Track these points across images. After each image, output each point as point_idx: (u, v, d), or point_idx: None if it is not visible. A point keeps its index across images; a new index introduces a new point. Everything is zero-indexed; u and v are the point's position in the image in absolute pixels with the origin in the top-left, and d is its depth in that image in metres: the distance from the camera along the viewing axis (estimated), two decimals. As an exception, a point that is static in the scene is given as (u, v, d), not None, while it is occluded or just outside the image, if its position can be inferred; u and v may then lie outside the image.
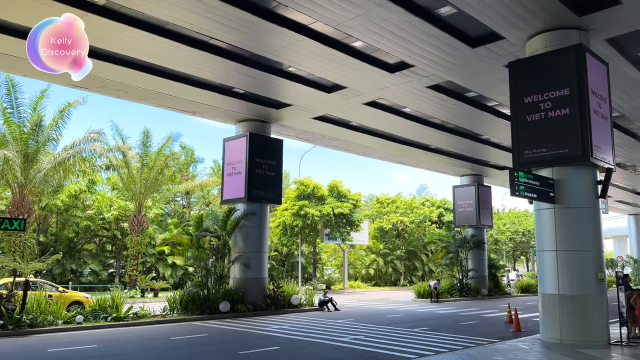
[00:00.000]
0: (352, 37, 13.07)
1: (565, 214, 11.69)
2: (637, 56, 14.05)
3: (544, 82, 11.84)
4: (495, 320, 17.57)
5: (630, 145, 23.11)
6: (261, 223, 19.85)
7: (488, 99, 18.00)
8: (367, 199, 57.25)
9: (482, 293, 29.26)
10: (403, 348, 11.60)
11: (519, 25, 11.99)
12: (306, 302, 21.33)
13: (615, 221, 67.92)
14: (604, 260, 11.91)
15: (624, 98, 16.61)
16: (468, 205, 30.54)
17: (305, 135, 22.55)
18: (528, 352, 10.63)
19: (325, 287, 34.05)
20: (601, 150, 11.55)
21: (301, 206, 32.59)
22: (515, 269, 63.38)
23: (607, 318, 11.57)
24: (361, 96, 17.35)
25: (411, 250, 45.00)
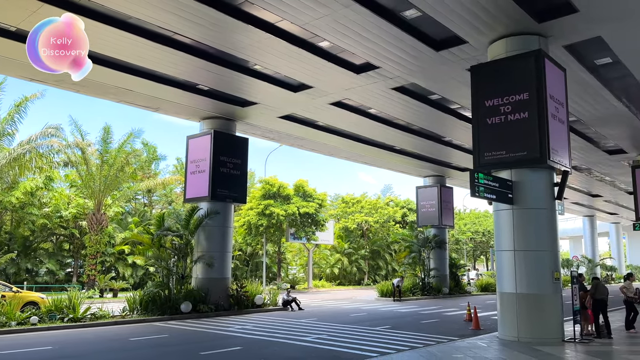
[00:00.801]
0: (319, 36, 13.07)
1: (523, 214, 12.02)
2: (593, 63, 14.58)
3: (504, 86, 12.14)
4: (455, 319, 17.93)
5: (585, 149, 23.98)
6: (225, 222, 19.63)
7: (451, 102, 18.33)
8: (333, 198, 57.47)
9: (443, 292, 29.83)
10: (365, 346, 11.69)
11: (481, 29, 12.25)
12: (270, 302, 21.23)
13: (571, 222, 70.56)
14: (559, 260, 12.31)
15: (580, 103, 17.21)
16: (431, 205, 31.06)
17: (271, 134, 22.43)
18: (486, 349, 10.89)
19: (290, 286, 34.00)
20: (558, 153, 11.93)
21: (266, 205, 32.42)
22: (476, 268, 64.89)
23: (562, 316, 11.98)
24: (327, 96, 17.38)
25: (375, 249, 45.44)
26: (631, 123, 19.41)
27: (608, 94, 16.37)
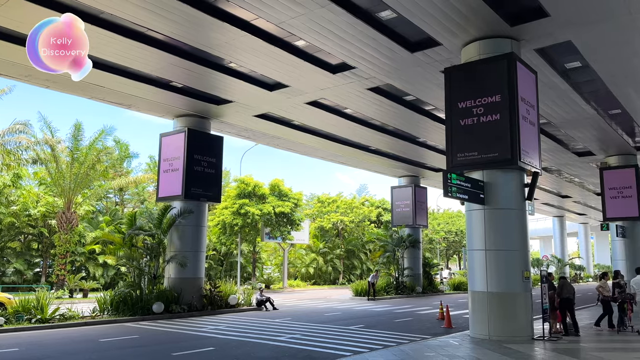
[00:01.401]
0: (295, 35, 13.04)
1: (494, 214, 12.23)
2: (563, 66, 14.93)
3: (477, 89, 12.32)
4: (428, 317, 18.13)
5: (555, 151, 24.54)
6: (199, 221, 19.42)
7: (425, 103, 18.52)
8: (309, 198, 57.49)
9: (417, 291, 30.14)
10: (339, 345, 11.72)
11: (455, 32, 12.41)
12: (244, 302, 21.11)
13: (542, 222, 72.19)
14: (529, 259, 12.57)
15: (551, 105, 17.60)
16: (405, 205, 31.35)
17: (246, 132, 22.30)
18: (458, 347, 11.04)
19: (264, 286, 33.86)
20: (529, 154, 12.17)
21: (241, 205, 32.21)
22: (448, 268, 65.79)
23: (532, 314, 12.22)
24: (303, 95, 17.37)
25: (350, 249, 45.62)
26: (599, 126, 19.94)
27: (577, 97, 16.78)
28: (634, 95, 16.55)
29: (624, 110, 18.29)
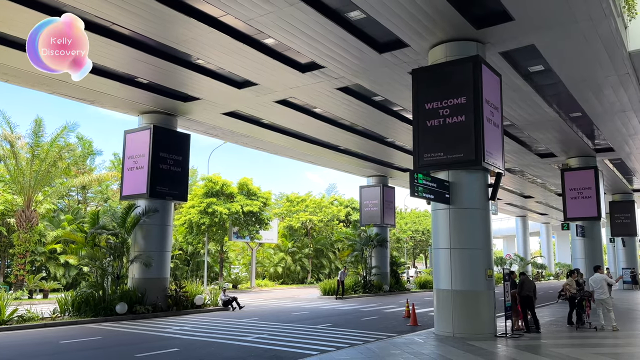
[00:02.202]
0: (264, 33, 12.95)
1: (459, 214, 12.45)
2: (526, 70, 15.30)
3: (443, 90, 12.50)
4: (394, 315, 18.32)
5: (519, 152, 25.17)
6: (164, 220, 19.09)
7: (393, 104, 18.70)
8: (278, 197, 57.27)
9: (384, 289, 30.43)
10: (306, 345, 11.71)
11: (422, 34, 12.56)
12: (211, 302, 20.86)
13: (505, 222, 73.96)
14: (492, 257, 12.84)
15: (514, 108, 18.02)
16: (373, 205, 31.61)
17: (214, 130, 22.03)
18: (423, 345, 11.19)
19: (231, 285, 33.57)
20: (492, 155, 12.43)
21: (209, 204, 31.81)
22: (415, 266, 66.67)
23: (494, 312, 12.49)
24: (272, 94, 17.28)
25: (319, 248, 45.69)
26: (561, 128, 20.54)
27: (540, 99, 17.23)
28: (594, 99, 17.10)
29: (584, 113, 18.89)
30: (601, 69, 14.53)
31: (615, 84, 15.56)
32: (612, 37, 12.47)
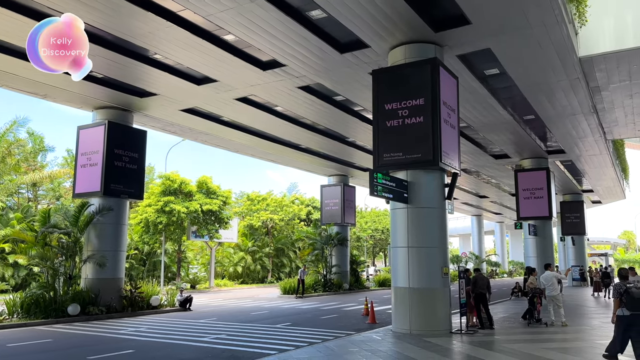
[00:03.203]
0: (224, 29, 12.77)
1: (416, 213, 12.65)
2: (482, 73, 15.70)
3: (402, 91, 12.68)
4: (354, 313, 18.46)
5: (474, 153, 25.82)
6: (119, 219, 18.55)
7: (354, 104, 18.82)
8: (238, 196, 56.66)
9: (344, 287, 30.64)
10: (264, 344, 11.64)
11: (382, 35, 12.68)
12: (167, 303, 20.42)
13: (461, 221, 75.77)
14: (448, 256, 13.12)
15: (470, 110, 18.47)
16: (334, 204, 31.76)
17: (172, 127, 21.58)
18: (380, 342, 11.31)
19: (189, 286, 33.00)
20: (449, 156, 12.69)
21: (166, 202, 31.11)
22: (374, 264, 67.43)
23: (450, 309, 12.77)
24: (233, 91, 17.07)
25: (280, 247, 45.52)
26: (515, 130, 21.19)
27: (495, 102, 17.72)
28: (546, 102, 17.73)
29: (537, 116, 19.56)
30: (553, 74, 15.07)
31: (566, 88, 16.17)
32: (563, 42, 12.95)
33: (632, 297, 8.35)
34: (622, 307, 8.52)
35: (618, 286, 8.69)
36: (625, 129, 22.08)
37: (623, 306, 8.51)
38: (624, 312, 8.49)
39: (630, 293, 8.40)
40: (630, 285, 8.54)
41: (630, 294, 8.38)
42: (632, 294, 8.37)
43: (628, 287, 8.49)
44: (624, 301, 8.47)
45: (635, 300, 8.34)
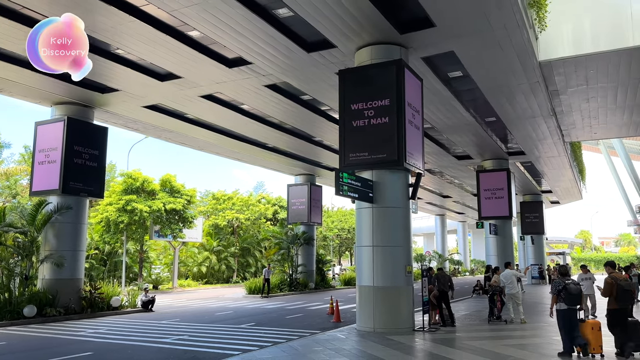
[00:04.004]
0: (189, 25, 12.56)
1: (381, 212, 12.78)
2: (446, 75, 15.98)
3: (368, 92, 12.77)
4: (319, 312, 18.50)
5: (438, 154, 26.27)
6: (78, 218, 18.01)
7: (321, 103, 18.84)
8: (203, 195, 55.95)
9: (310, 287, 30.67)
10: (228, 345, 11.52)
11: (349, 36, 12.74)
12: (129, 304, 19.96)
13: (426, 220, 76.97)
14: (411, 254, 13.30)
15: (434, 111, 18.77)
16: (301, 203, 31.72)
17: (135, 124, 21.10)
18: (344, 341, 11.37)
19: (152, 286, 32.38)
20: (413, 156, 12.86)
21: (128, 201, 30.39)
22: (340, 264, 67.78)
23: (413, 307, 12.95)
24: (197, 88, 16.81)
25: (245, 247, 45.15)
26: (477, 132, 21.66)
27: (458, 104, 18.06)
28: (507, 105, 18.19)
29: (498, 118, 20.04)
30: (514, 77, 15.47)
31: (526, 91, 16.63)
32: (524, 46, 13.31)
33: (570, 293, 9.12)
34: (560, 302, 9.25)
35: (557, 283, 9.39)
36: (582, 131, 22.88)
37: (561, 301, 9.23)
38: (562, 307, 9.23)
39: (568, 289, 9.15)
40: (569, 282, 9.27)
41: (568, 290, 9.14)
42: (569, 290, 9.13)
43: (566, 284, 9.22)
44: (562, 296, 9.21)
45: (572, 296, 9.12)
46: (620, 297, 9.22)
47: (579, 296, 9.25)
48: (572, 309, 9.20)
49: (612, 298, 9.30)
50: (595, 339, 9.17)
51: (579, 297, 9.27)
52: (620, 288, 9.20)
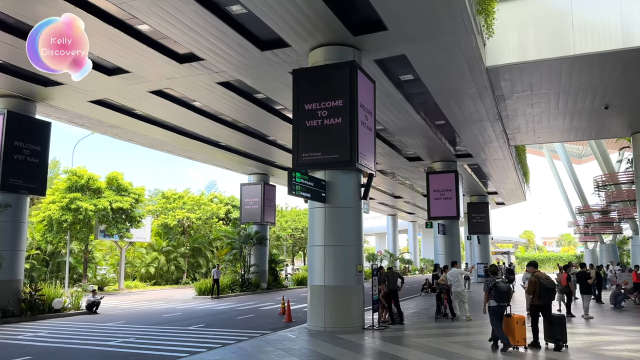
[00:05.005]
0: (138, 19, 12.19)
1: (333, 212, 12.86)
2: (398, 78, 16.26)
3: (322, 92, 12.81)
4: (270, 313, 18.40)
5: (390, 155, 26.71)
6: (18, 217, 17.13)
7: (275, 102, 18.75)
8: (152, 193, 54.46)
9: (262, 287, 30.47)
10: (175, 347, 11.28)
11: (303, 35, 12.74)
12: (72, 306, 19.17)
13: (378, 220, 78.13)
14: (362, 254, 13.46)
15: (387, 113, 19.06)
16: (254, 202, 31.45)
17: (80, 119, 20.28)
18: (295, 340, 11.36)
19: (97, 288, 31.24)
20: (365, 157, 13.01)
21: (72, 199, 29.16)
22: (294, 263, 67.76)
23: (363, 306, 13.11)
24: (147, 83, 16.35)
25: (196, 247, 44.31)
26: (427, 134, 22.17)
27: (409, 107, 18.42)
28: (456, 108, 18.71)
29: (447, 121, 20.59)
30: (463, 81, 15.93)
31: (474, 95, 17.17)
32: (472, 52, 13.73)
33: (499, 291, 9.74)
34: (491, 299, 9.83)
35: (488, 281, 9.99)
36: (527, 135, 23.87)
37: (492, 298, 9.80)
38: (492, 304, 9.82)
39: (497, 287, 9.77)
40: (498, 280, 9.92)
41: (498, 288, 9.76)
42: (499, 288, 9.76)
43: (496, 282, 9.84)
44: (493, 294, 9.79)
45: (501, 293, 9.74)
46: (543, 295, 9.97)
47: (508, 293, 9.88)
48: (501, 306, 9.80)
49: (535, 295, 10.04)
50: (520, 333, 9.86)
51: (508, 295, 9.88)
52: (542, 286, 9.93)
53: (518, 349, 9.80)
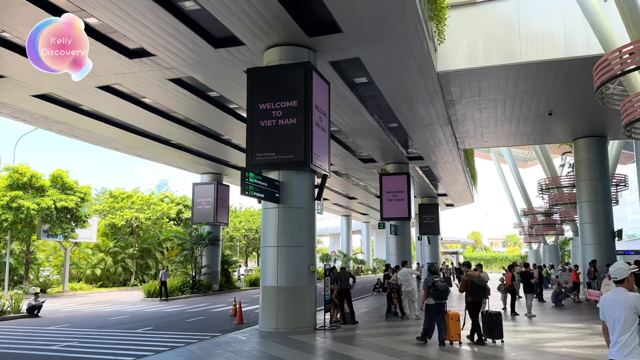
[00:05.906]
0: (85, 11, 11.74)
1: (287, 213, 12.83)
2: (352, 80, 16.40)
3: (276, 92, 12.75)
4: (221, 315, 18.15)
5: (344, 157, 26.92)
6: (-48, 215, 16.17)
7: (229, 101, 18.51)
8: (100, 192, 52.64)
9: (214, 288, 30.00)
10: (121, 350, 10.94)
11: (257, 34, 12.63)
12: (12, 309, 18.25)
13: (333, 221, 78.67)
14: (315, 254, 13.50)
15: (341, 115, 19.19)
16: (207, 202, 30.92)
17: (23, 114, 19.33)
18: (245, 342, 11.25)
19: (40, 290, 29.87)
20: (319, 158, 13.04)
21: (13, 197, 27.75)
22: (247, 264, 67.15)
23: (315, 306, 13.13)
24: (94, 78, 15.78)
25: (146, 248, 43.11)
26: (380, 137, 22.48)
27: (363, 109, 18.61)
28: (408, 112, 19.07)
29: (400, 124, 20.96)
30: (414, 86, 16.25)
31: (425, 99, 17.55)
32: (424, 57, 14.03)
33: (437, 289, 10.26)
34: (429, 297, 10.33)
35: (427, 280, 10.49)
36: (475, 139, 24.64)
37: (431, 296, 10.31)
38: (430, 302, 10.34)
39: (436, 286, 10.28)
40: (437, 279, 10.41)
41: (436, 287, 10.27)
42: (437, 287, 10.27)
43: (435, 281, 10.34)
44: (431, 292, 10.30)
45: (439, 292, 10.27)
46: (475, 292, 10.54)
47: (445, 292, 10.39)
48: (439, 303, 10.32)
49: (467, 293, 10.59)
50: (454, 328, 10.43)
51: (445, 293, 10.40)
52: (474, 284, 10.49)
53: (452, 344, 10.31)
